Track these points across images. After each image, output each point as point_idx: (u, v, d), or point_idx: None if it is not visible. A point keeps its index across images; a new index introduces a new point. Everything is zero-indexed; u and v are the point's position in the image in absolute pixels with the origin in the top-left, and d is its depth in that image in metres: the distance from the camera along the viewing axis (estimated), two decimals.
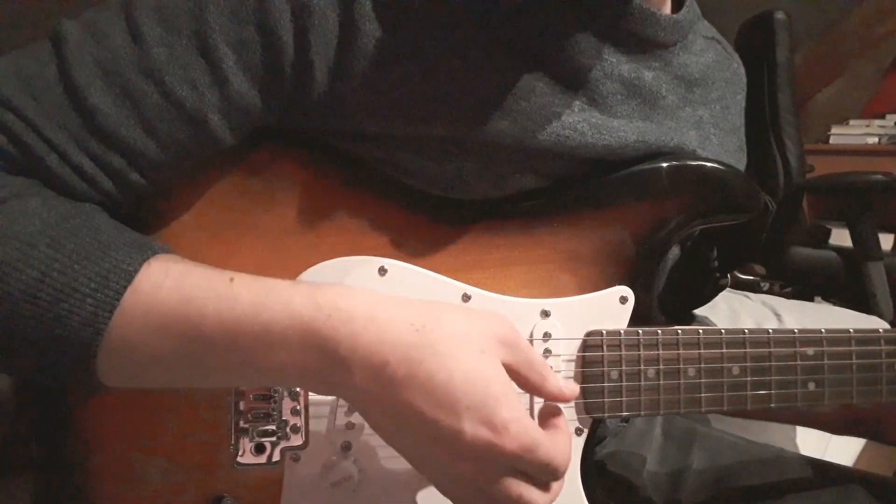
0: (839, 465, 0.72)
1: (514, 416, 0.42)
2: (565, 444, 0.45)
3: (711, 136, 0.62)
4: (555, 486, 0.45)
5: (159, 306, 0.42)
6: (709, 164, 0.56)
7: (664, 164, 0.56)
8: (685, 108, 0.60)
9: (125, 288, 0.41)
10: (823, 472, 0.69)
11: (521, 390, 0.45)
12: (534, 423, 0.43)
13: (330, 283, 0.45)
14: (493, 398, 0.41)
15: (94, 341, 0.41)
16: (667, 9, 0.58)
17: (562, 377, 0.51)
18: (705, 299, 0.70)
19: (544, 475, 0.44)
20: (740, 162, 0.67)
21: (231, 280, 0.43)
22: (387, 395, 0.42)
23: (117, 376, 0.44)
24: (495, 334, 0.45)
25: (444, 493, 0.46)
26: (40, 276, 0.40)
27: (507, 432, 0.41)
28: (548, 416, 0.48)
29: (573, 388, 0.48)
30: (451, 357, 0.42)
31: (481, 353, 0.43)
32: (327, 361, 0.42)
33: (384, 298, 0.44)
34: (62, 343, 0.41)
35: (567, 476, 0.45)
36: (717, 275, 0.70)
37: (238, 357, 0.42)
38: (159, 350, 0.42)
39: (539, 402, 0.53)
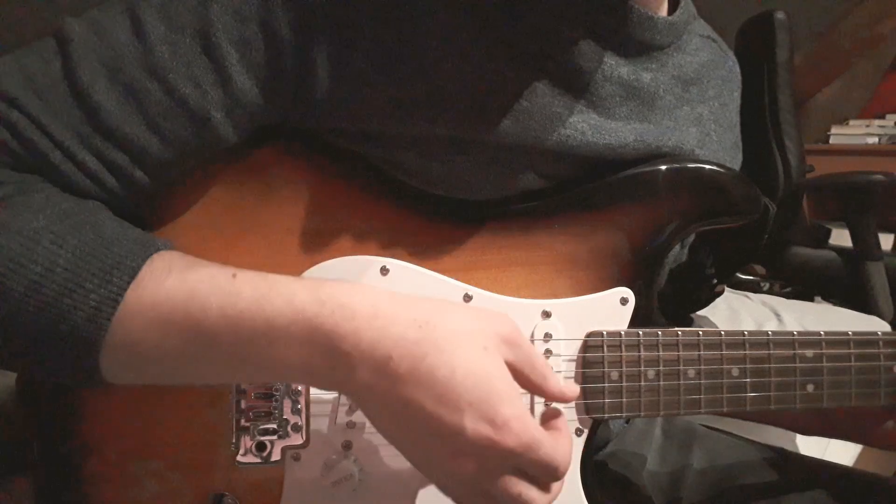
0: (839, 465, 0.72)
1: (516, 414, 0.42)
2: (566, 446, 0.45)
3: (712, 132, 0.62)
4: (554, 487, 0.45)
5: (162, 302, 0.42)
6: (707, 167, 0.56)
7: (663, 167, 0.56)
8: (683, 106, 0.60)
9: (128, 284, 0.42)
10: (823, 472, 0.69)
11: (522, 390, 0.46)
12: (535, 422, 0.43)
13: (333, 279, 0.45)
14: (495, 395, 0.42)
15: (97, 337, 0.41)
16: (663, 11, 0.59)
17: (562, 378, 0.51)
18: (700, 305, 0.71)
19: (545, 475, 0.44)
20: (736, 158, 0.68)
21: (234, 276, 0.43)
22: (389, 391, 0.42)
23: (121, 372, 0.44)
24: (498, 332, 0.45)
25: (444, 491, 0.46)
26: (44, 271, 0.40)
27: (509, 429, 0.41)
28: (548, 419, 0.48)
29: (574, 389, 0.48)
30: (453, 353, 0.42)
31: (484, 351, 0.43)
32: (330, 357, 0.42)
33: (388, 295, 0.44)
34: (66, 339, 0.41)
35: (567, 476, 0.45)
36: (714, 281, 0.71)
37: (241, 352, 0.42)
38: (162, 345, 0.42)
39: (539, 403, 0.53)
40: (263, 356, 0.42)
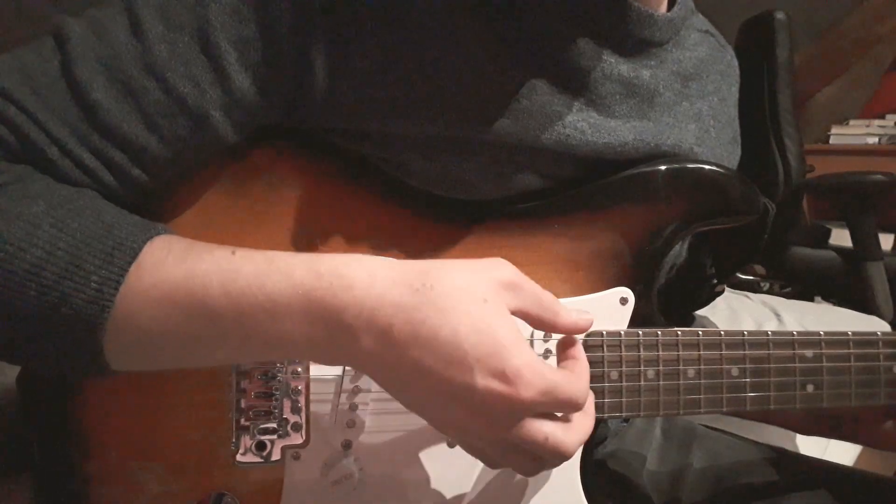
0: (839, 464, 0.72)
1: (526, 362, 0.41)
2: (583, 374, 0.45)
3: (710, 128, 0.62)
4: (583, 423, 0.45)
5: (163, 281, 0.42)
6: (707, 167, 0.56)
7: (662, 168, 0.56)
8: (682, 102, 0.60)
9: (129, 264, 0.42)
10: (823, 472, 0.69)
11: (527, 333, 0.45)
12: (546, 365, 0.42)
13: (330, 254, 0.45)
14: (501, 347, 0.41)
15: (99, 319, 0.41)
16: (662, 7, 0.59)
17: (575, 309, 0.49)
18: (700, 304, 0.71)
19: (568, 411, 0.44)
20: (735, 153, 0.68)
21: (233, 253, 0.43)
22: (395, 358, 0.41)
23: (124, 356, 0.44)
24: (497, 279, 0.44)
25: (469, 450, 0.46)
26: (45, 255, 0.40)
27: (521, 380, 0.41)
28: (563, 348, 0.47)
29: (588, 318, 0.47)
30: (454, 312, 0.41)
31: (485, 303, 0.42)
32: (332, 329, 0.42)
33: (384, 263, 0.44)
34: (68, 322, 0.41)
35: (567, 475, 0.45)
36: (714, 281, 0.71)
37: (243, 329, 0.42)
38: (165, 325, 0.42)
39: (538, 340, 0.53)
40: (266, 332, 0.42)
